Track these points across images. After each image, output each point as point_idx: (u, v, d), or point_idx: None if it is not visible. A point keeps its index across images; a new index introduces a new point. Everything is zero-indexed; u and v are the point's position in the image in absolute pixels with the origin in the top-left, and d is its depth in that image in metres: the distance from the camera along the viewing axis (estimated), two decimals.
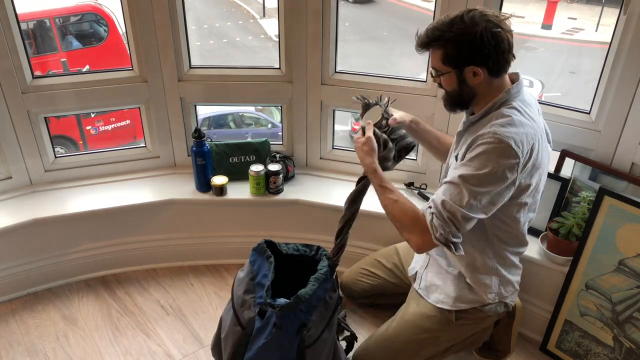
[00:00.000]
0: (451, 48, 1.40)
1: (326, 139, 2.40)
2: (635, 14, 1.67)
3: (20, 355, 2.00)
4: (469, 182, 1.37)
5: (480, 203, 1.37)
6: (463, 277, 1.64)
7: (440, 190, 1.43)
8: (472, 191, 1.36)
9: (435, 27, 1.42)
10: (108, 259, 2.35)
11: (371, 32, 9.89)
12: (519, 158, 1.36)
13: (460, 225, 1.39)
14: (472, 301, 1.64)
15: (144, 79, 2.24)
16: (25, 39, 2.10)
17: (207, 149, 2.23)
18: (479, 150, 1.37)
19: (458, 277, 1.66)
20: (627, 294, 1.77)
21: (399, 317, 1.77)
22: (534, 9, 10.48)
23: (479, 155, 1.37)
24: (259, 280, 1.51)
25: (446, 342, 1.72)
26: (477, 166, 1.37)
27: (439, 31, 1.40)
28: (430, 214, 1.41)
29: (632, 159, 1.82)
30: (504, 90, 1.46)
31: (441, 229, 1.39)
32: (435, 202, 1.41)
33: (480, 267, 1.60)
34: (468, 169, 1.38)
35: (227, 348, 1.54)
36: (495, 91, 1.46)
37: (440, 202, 1.40)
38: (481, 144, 1.37)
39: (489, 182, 1.36)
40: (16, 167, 2.25)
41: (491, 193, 1.37)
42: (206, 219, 2.35)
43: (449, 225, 1.38)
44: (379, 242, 2.27)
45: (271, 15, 11.17)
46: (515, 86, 1.47)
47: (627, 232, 1.74)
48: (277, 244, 1.64)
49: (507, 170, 1.36)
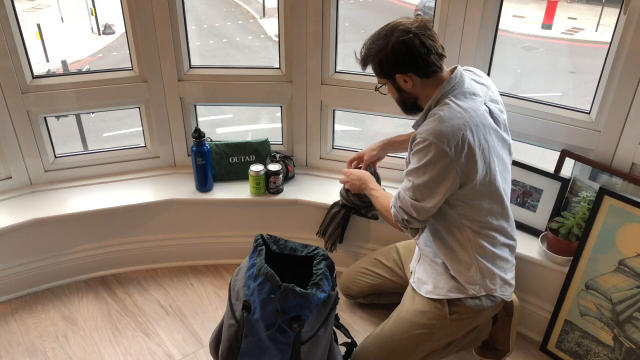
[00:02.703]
0: (377, 62, 1.57)
1: (326, 139, 2.40)
2: (635, 14, 1.67)
3: (20, 355, 2.00)
4: (411, 175, 1.56)
5: (422, 193, 1.54)
6: (447, 268, 1.68)
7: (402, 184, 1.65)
8: (414, 183, 1.55)
9: (365, 45, 1.59)
10: (108, 259, 2.35)
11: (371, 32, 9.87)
12: (445, 151, 1.47)
13: (412, 212, 1.57)
14: (458, 290, 1.66)
15: (143, 79, 2.24)
16: None
17: (207, 149, 2.23)
18: (415, 149, 1.54)
19: (444, 268, 1.69)
20: (627, 294, 1.77)
21: (395, 316, 1.78)
22: (534, 9, 10.49)
23: (414, 153, 1.54)
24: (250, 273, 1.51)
25: (442, 338, 1.73)
26: (414, 162, 1.54)
27: (365, 49, 1.58)
28: (392, 205, 1.66)
29: (632, 159, 1.83)
30: (439, 89, 1.56)
31: (399, 216, 1.62)
32: (395, 194, 1.65)
33: (460, 258, 1.64)
34: (410, 165, 1.57)
35: (223, 342, 1.54)
36: (434, 90, 1.57)
37: (397, 194, 1.63)
38: (415, 144, 1.54)
39: (424, 173, 1.51)
40: (16, 167, 2.25)
41: (429, 184, 1.52)
42: (206, 219, 2.35)
43: (401, 213, 1.60)
44: (378, 242, 2.27)
45: (271, 15, 11.17)
46: (447, 83, 1.55)
47: (627, 232, 1.74)
48: (278, 238, 1.63)
49: (440, 161, 1.48)
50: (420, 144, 1.50)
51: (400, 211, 1.61)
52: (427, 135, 1.48)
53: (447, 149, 1.46)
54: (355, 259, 2.27)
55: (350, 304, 2.22)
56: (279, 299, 1.40)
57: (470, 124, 1.49)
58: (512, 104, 2.02)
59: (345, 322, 2.12)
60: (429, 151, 1.48)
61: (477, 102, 1.56)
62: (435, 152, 1.47)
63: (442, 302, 1.68)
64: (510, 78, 8.28)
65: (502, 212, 1.63)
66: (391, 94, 1.66)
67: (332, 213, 2.19)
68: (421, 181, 1.52)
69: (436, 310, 1.68)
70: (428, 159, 1.49)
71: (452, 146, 1.46)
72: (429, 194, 1.53)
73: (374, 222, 2.21)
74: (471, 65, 2.01)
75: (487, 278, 1.65)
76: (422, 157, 1.50)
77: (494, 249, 1.64)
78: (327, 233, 2.21)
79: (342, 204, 2.15)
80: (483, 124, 1.52)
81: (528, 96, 2.05)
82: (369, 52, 1.57)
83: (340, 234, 2.20)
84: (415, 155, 1.53)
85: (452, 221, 1.62)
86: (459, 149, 1.47)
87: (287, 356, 1.47)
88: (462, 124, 1.48)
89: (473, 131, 1.49)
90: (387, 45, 1.51)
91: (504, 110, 1.67)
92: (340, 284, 2.14)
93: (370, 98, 2.22)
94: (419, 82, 1.55)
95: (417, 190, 1.54)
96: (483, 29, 1.94)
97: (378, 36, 1.55)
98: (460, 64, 2.01)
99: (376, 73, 1.61)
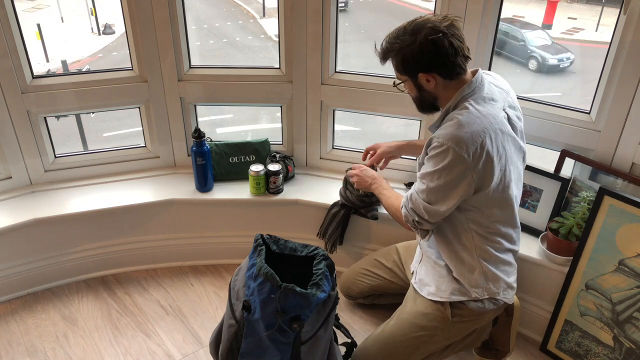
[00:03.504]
0: (400, 59, 1.51)
1: (326, 139, 2.40)
2: (635, 14, 1.67)
3: (20, 355, 2.00)
4: (426, 178, 1.53)
5: (436, 197, 1.52)
6: (450, 270, 1.67)
7: (414, 185, 1.62)
8: (429, 186, 1.52)
9: (387, 39, 1.52)
10: (108, 259, 2.35)
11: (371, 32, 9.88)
12: (464, 157, 1.44)
13: (423, 214, 1.56)
14: (461, 293, 1.65)
15: (143, 78, 2.24)
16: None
17: (207, 149, 2.23)
18: (431, 153, 1.51)
19: (446, 270, 1.68)
20: (627, 294, 1.77)
21: (396, 317, 1.77)
22: (534, 9, 10.49)
23: (430, 157, 1.51)
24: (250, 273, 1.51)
25: (443, 341, 1.72)
26: (429, 165, 1.52)
27: (389, 44, 1.51)
28: (403, 205, 1.64)
29: (632, 159, 1.83)
30: (458, 92, 1.52)
31: (409, 217, 1.61)
32: (407, 195, 1.63)
33: (464, 260, 1.64)
34: (426, 168, 1.54)
35: (223, 342, 1.54)
36: (454, 92, 1.54)
37: (410, 195, 1.60)
38: (432, 148, 1.51)
39: (439, 178, 1.49)
40: (16, 167, 2.25)
41: (444, 188, 1.50)
42: (206, 219, 2.35)
43: (412, 214, 1.59)
44: (379, 242, 2.27)
45: (271, 15, 11.17)
46: (468, 86, 1.52)
47: (627, 232, 1.74)
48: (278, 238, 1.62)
49: (457, 167, 1.46)
50: (437, 148, 1.47)
51: (412, 212, 1.59)
52: (446, 140, 1.45)
53: (465, 155, 1.43)
54: (356, 259, 2.27)
55: (350, 304, 2.22)
56: (279, 299, 1.40)
57: (489, 131, 1.46)
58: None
59: (345, 322, 2.12)
60: (447, 156, 1.45)
61: (496, 108, 1.52)
62: (453, 157, 1.44)
63: (444, 305, 1.67)
64: (510, 78, 8.27)
65: (511, 220, 1.63)
66: (409, 91, 1.61)
67: (331, 213, 2.19)
68: (436, 185, 1.50)
69: (438, 313, 1.68)
70: (445, 164, 1.46)
71: (470, 153, 1.44)
72: (443, 198, 1.51)
73: (374, 223, 2.21)
74: (471, 65, 2.01)
75: (491, 281, 1.64)
76: (439, 161, 1.47)
77: (498, 254, 1.64)
78: (327, 234, 2.21)
79: (342, 204, 2.15)
80: (502, 131, 1.49)
81: (528, 96, 2.05)
82: (392, 47, 1.50)
83: (340, 234, 2.20)
84: (432, 159, 1.50)
85: (459, 224, 1.61)
86: (477, 155, 1.45)
87: (287, 356, 1.47)
88: (482, 131, 1.45)
89: (492, 138, 1.46)
90: (414, 42, 1.45)
91: (522, 117, 1.64)
92: (341, 285, 2.14)
93: (371, 98, 2.23)
94: (442, 82, 1.51)
95: (432, 194, 1.52)
96: (483, 29, 1.94)
97: (404, 31, 1.48)
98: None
99: (397, 69, 1.55)
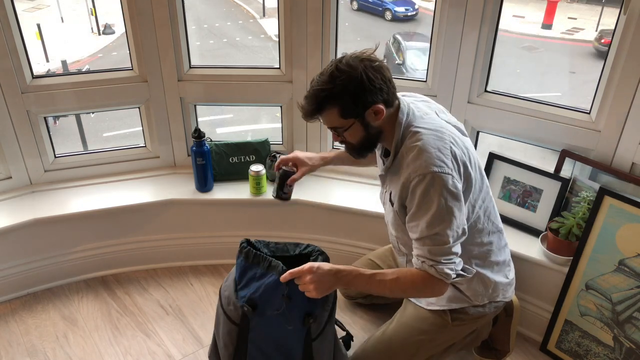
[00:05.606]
0: (346, 100, 1.38)
1: (326, 139, 2.39)
2: (635, 14, 1.67)
3: (20, 355, 2.00)
4: (434, 225, 1.39)
5: (454, 228, 1.41)
6: None
7: (417, 247, 1.45)
8: (444, 228, 1.40)
9: (317, 89, 1.39)
10: (108, 259, 2.35)
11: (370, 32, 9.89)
12: (450, 173, 1.39)
13: (454, 254, 1.43)
14: (460, 300, 1.65)
15: (143, 78, 2.24)
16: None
17: (207, 149, 2.23)
18: (417, 194, 1.40)
19: None
20: (627, 294, 1.77)
21: (396, 320, 1.77)
22: (534, 9, 10.49)
23: (421, 200, 1.40)
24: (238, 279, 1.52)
25: (444, 343, 1.73)
26: (428, 208, 1.39)
27: (324, 91, 1.38)
28: (430, 267, 1.43)
29: (632, 159, 1.82)
30: (397, 124, 1.46)
31: (447, 271, 1.42)
32: (425, 256, 1.43)
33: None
34: (425, 216, 1.40)
35: (227, 348, 1.54)
36: (394, 122, 1.47)
37: (428, 253, 1.42)
38: (415, 188, 1.40)
39: (448, 211, 1.39)
40: (16, 167, 2.25)
41: (456, 214, 1.41)
42: (206, 219, 2.35)
43: (447, 264, 1.42)
44: (375, 242, 2.26)
45: (271, 15, 11.18)
46: (401, 113, 1.47)
47: (627, 232, 1.74)
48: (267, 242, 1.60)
49: (452, 189, 1.39)
50: (421, 181, 1.39)
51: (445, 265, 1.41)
52: (423, 170, 1.39)
53: (447, 169, 1.39)
54: (352, 257, 2.27)
55: (350, 304, 2.22)
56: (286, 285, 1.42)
57: (449, 139, 1.44)
58: (512, 104, 2.02)
59: (346, 322, 2.12)
60: (433, 182, 1.38)
61: (435, 119, 1.51)
62: (438, 178, 1.38)
63: (445, 311, 1.68)
64: (510, 78, 8.28)
65: (495, 215, 1.63)
66: (351, 138, 1.48)
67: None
68: (452, 217, 1.40)
69: (438, 318, 1.68)
70: (438, 188, 1.38)
71: (447, 163, 1.40)
72: (460, 222, 1.43)
73: (370, 222, 2.19)
74: (471, 66, 2.01)
75: (490, 287, 1.65)
76: (427, 190, 1.39)
77: (492, 259, 1.64)
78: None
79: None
80: (456, 135, 1.49)
81: (528, 96, 2.05)
82: (331, 92, 1.37)
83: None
84: (422, 194, 1.40)
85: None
86: (456, 165, 1.43)
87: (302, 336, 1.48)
88: (443, 144, 1.42)
89: (456, 144, 1.45)
90: (357, 76, 1.36)
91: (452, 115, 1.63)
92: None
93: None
94: (386, 113, 1.44)
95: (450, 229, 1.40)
96: (483, 29, 1.94)
97: (338, 72, 1.37)
98: (461, 64, 2.02)
99: (341, 115, 1.41)
